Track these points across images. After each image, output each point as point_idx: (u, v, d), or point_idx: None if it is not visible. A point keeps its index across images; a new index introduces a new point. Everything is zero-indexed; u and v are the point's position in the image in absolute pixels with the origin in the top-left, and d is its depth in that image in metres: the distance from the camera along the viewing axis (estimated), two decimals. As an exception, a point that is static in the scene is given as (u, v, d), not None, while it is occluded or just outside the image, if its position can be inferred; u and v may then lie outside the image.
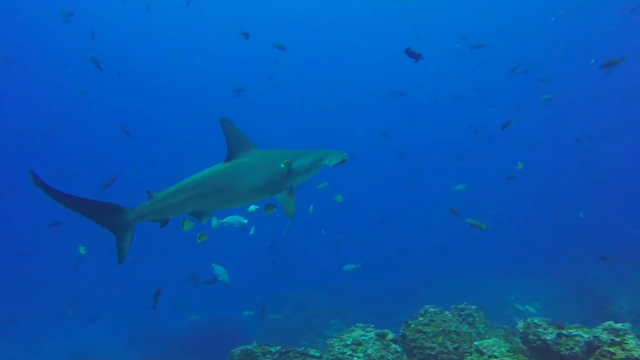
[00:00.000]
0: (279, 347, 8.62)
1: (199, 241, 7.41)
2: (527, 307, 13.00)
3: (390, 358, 7.49)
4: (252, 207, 8.17)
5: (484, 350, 7.05)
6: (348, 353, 7.69)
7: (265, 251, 17.11)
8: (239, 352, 8.47)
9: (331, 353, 7.86)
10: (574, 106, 29.80)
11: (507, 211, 24.80)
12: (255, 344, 8.64)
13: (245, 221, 10.16)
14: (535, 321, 7.63)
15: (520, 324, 7.79)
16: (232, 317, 17.17)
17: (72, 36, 33.84)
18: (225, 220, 9.74)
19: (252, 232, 11.16)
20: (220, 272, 10.51)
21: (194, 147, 35.27)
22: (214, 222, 9.91)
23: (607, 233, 19.31)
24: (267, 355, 8.48)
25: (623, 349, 5.91)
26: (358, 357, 7.58)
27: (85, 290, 23.31)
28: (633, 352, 5.90)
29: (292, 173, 6.31)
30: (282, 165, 6.20)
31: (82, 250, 10.21)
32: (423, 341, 7.35)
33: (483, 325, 8.48)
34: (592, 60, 14.43)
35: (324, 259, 23.83)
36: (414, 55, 8.59)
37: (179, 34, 39.77)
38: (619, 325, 7.06)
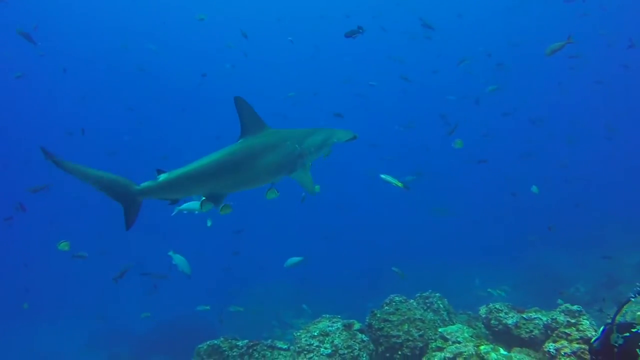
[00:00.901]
0: (246, 341, 8.60)
1: (222, 214, 6.87)
2: (497, 291, 13.33)
3: (357, 348, 7.56)
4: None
5: (448, 337, 7.20)
6: (315, 344, 7.73)
7: (228, 242, 17.00)
8: (205, 347, 8.40)
9: (298, 345, 7.88)
10: (530, 91, 30.44)
11: (467, 200, 25.36)
12: (221, 339, 8.59)
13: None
14: (497, 306, 7.85)
15: (482, 310, 8.00)
16: (198, 312, 16.99)
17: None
18: (184, 206, 9.31)
19: (209, 224, 10.74)
20: (180, 262, 10.07)
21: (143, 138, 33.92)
22: (177, 207, 9.55)
23: (565, 219, 19.96)
24: (234, 350, 8.45)
25: (578, 330, 6.15)
26: (325, 348, 7.63)
27: (44, 289, 22.57)
28: (586, 332, 6.13)
29: (306, 151, 6.34)
30: (296, 146, 6.21)
31: (65, 246, 9.73)
32: (389, 330, 7.43)
33: (447, 312, 8.65)
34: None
35: (292, 249, 23.81)
36: (354, 33, 8.58)
37: (129, 17, 37.88)
38: (574, 307, 7.35)
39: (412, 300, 8.14)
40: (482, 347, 6.15)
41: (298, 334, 8.16)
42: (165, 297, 17.68)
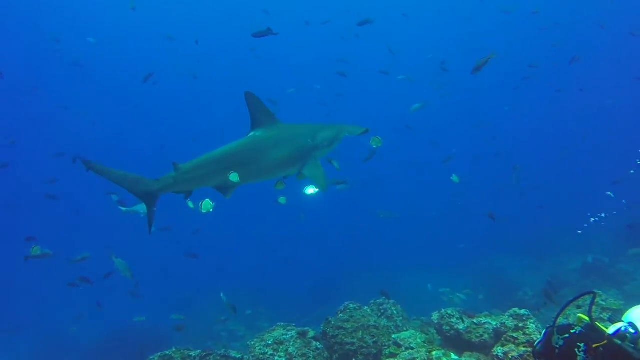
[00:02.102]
0: (198, 351, 8.41)
1: (278, 188, 6.99)
2: (459, 294, 13.60)
3: (311, 356, 7.54)
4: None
5: (401, 343, 7.30)
6: (269, 353, 7.66)
7: (183, 247, 16.59)
8: (157, 358, 8.17)
9: (252, 354, 7.79)
10: (478, 94, 31.05)
11: (418, 205, 25.70)
12: (174, 349, 8.37)
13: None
14: (449, 312, 8.02)
15: (435, 315, 8.15)
16: (150, 322, 16.50)
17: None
18: (132, 208, 9.05)
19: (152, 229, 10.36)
20: (122, 266, 9.75)
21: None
22: (124, 209, 9.27)
23: (514, 224, 20.65)
24: (186, 360, 8.26)
25: (524, 333, 6.35)
26: (279, 357, 7.57)
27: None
28: (532, 336, 6.35)
29: (318, 145, 6.44)
30: (309, 140, 6.33)
31: (36, 251, 9.24)
32: (343, 337, 7.45)
33: (401, 318, 8.77)
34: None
35: (246, 257, 23.60)
36: (263, 34, 8.66)
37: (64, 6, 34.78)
38: (522, 312, 7.61)
39: (366, 307, 8.20)
40: (434, 353, 6.27)
41: (252, 342, 8.07)
42: (114, 306, 17.07)
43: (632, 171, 14.36)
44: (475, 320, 7.66)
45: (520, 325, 6.94)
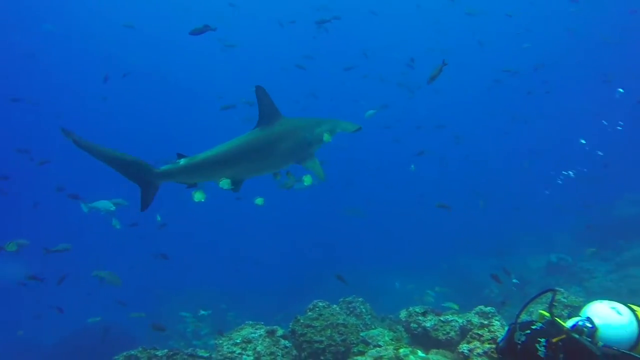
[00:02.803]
0: (165, 351, 8.27)
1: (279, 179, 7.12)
2: (430, 292, 13.79)
3: (279, 354, 7.51)
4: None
5: (369, 340, 7.34)
6: (237, 352, 7.59)
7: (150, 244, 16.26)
8: (122, 358, 8.00)
9: (220, 353, 7.70)
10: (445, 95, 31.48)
11: (387, 204, 25.92)
12: (140, 349, 8.20)
13: (113, 208, 9.29)
14: (417, 310, 8.10)
15: (403, 313, 8.23)
16: (117, 321, 16.14)
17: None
18: (93, 205, 8.90)
19: (117, 226, 10.10)
20: (108, 277, 9.57)
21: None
22: (84, 206, 9.10)
23: (477, 225, 21.08)
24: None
25: (489, 331, 6.46)
26: (247, 356, 7.51)
27: None
28: (497, 333, 6.47)
29: (315, 139, 6.73)
30: (307, 134, 6.61)
31: (12, 247, 8.82)
32: (312, 335, 7.44)
33: (369, 316, 8.81)
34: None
35: (218, 256, 23.39)
36: (199, 30, 9.00)
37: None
38: (487, 309, 7.76)
39: (335, 306, 8.21)
40: (401, 350, 6.31)
41: (220, 341, 7.98)
42: (79, 304, 16.63)
43: (571, 173, 14.87)
44: (442, 318, 7.75)
45: (485, 322, 7.07)
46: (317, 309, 7.81)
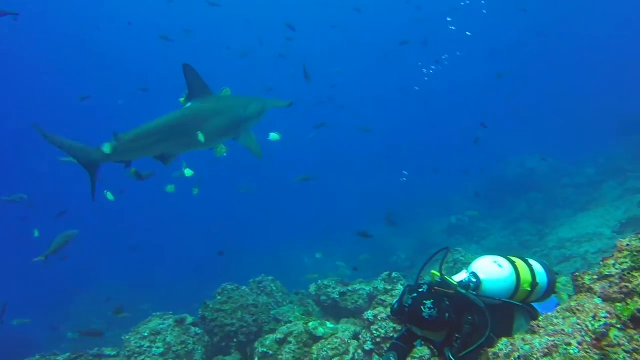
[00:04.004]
0: (67, 354, 7.80)
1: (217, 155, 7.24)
2: (338, 263, 14.03)
3: (190, 342, 7.38)
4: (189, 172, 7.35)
5: (280, 317, 7.41)
6: (146, 345, 7.35)
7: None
8: (16, 369, 7.45)
9: (127, 349, 7.41)
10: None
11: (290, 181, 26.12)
12: (37, 356, 7.67)
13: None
14: (325, 282, 8.28)
15: (312, 287, 8.37)
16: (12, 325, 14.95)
17: None
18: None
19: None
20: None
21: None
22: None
23: (385, 195, 21.85)
24: (54, 366, 7.63)
25: (392, 295, 6.74)
26: (157, 348, 7.30)
27: None
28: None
29: (249, 116, 6.92)
30: (241, 111, 6.80)
31: None
32: (222, 319, 7.37)
33: (280, 293, 8.85)
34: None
35: (119, 250, 22.28)
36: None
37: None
38: (393, 274, 8.09)
39: (244, 287, 8.17)
40: (310, 324, 6.42)
41: (127, 336, 7.67)
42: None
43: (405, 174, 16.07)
44: (350, 287, 7.99)
45: (389, 287, 7.39)
46: (225, 292, 7.73)
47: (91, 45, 36.10)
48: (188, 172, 6.92)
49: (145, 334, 7.42)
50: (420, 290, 3.11)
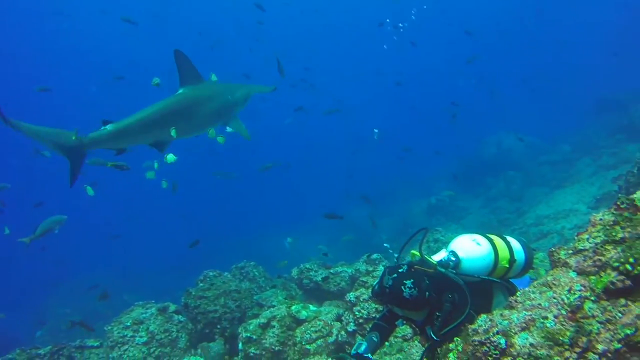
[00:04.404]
0: (49, 347, 7.72)
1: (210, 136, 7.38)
2: (319, 246, 14.05)
3: (174, 330, 7.36)
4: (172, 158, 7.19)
5: (263, 302, 7.43)
6: (129, 335, 7.31)
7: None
8: (-4, 365, 7.35)
9: (111, 339, 7.37)
10: None
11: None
12: (18, 351, 7.58)
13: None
14: (307, 266, 8.31)
15: (294, 271, 8.40)
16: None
17: None
18: None
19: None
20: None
21: None
22: None
23: (362, 175, 21.98)
24: (35, 360, 7.54)
25: (373, 277, 6.79)
26: (140, 337, 7.27)
27: None
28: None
29: (236, 102, 7.16)
30: (229, 97, 7.03)
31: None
32: (206, 306, 7.36)
33: (263, 278, 8.87)
34: None
35: (98, 241, 22.00)
36: None
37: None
38: (374, 256, 8.15)
39: (226, 273, 8.15)
40: (293, 307, 6.45)
41: (110, 327, 7.61)
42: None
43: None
44: (332, 270, 8.02)
45: (371, 269, 7.44)
46: (208, 279, 7.70)
47: (57, 34, 35.20)
48: (171, 158, 6.87)
49: (128, 323, 7.37)
50: (400, 270, 3.13)
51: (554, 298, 2.37)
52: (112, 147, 6.50)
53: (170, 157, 6.79)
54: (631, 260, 2.19)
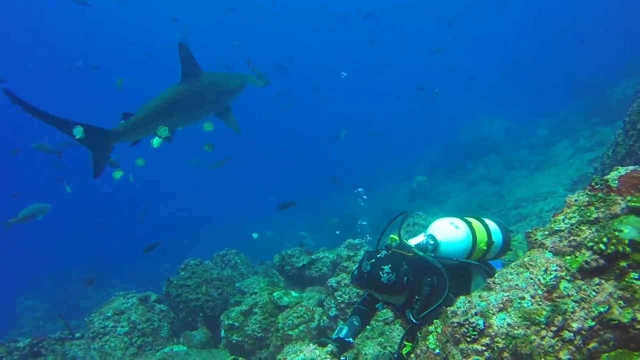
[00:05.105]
0: (28, 340, 7.59)
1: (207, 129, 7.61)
2: (301, 233, 14.07)
3: (156, 319, 7.29)
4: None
5: (245, 289, 7.40)
6: (110, 325, 7.22)
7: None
8: (-28, 362, 7.20)
9: (92, 330, 7.26)
10: None
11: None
12: (-6, 345, 7.44)
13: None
14: (289, 252, 8.28)
15: (276, 258, 8.37)
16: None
17: None
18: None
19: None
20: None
21: None
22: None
23: (344, 161, 21.99)
24: (14, 353, 7.39)
25: (353, 262, 6.81)
26: (122, 327, 7.18)
27: None
28: (361, 263, 6.84)
29: (231, 91, 7.54)
30: (224, 86, 7.40)
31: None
32: (187, 294, 7.30)
33: (245, 266, 8.83)
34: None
35: (83, 233, 21.74)
36: None
37: None
38: (355, 241, 8.16)
39: (207, 261, 8.09)
40: (275, 294, 6.44)
41: (90, 318, 7.50)
42: None
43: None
44: (313, 256, 8.02)
45: (352, 254, 7.46)
46: (189, 267, 7.63)
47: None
48: (157, 142, 6.94)
49: (109, 314, 7.28)
50: (378, 256, 3.14)
51: (531, 279, 2.39)
52: (132, 138, 6.84)
53: (156, 142, 6.89)
54: (604, 239, 2.21)
